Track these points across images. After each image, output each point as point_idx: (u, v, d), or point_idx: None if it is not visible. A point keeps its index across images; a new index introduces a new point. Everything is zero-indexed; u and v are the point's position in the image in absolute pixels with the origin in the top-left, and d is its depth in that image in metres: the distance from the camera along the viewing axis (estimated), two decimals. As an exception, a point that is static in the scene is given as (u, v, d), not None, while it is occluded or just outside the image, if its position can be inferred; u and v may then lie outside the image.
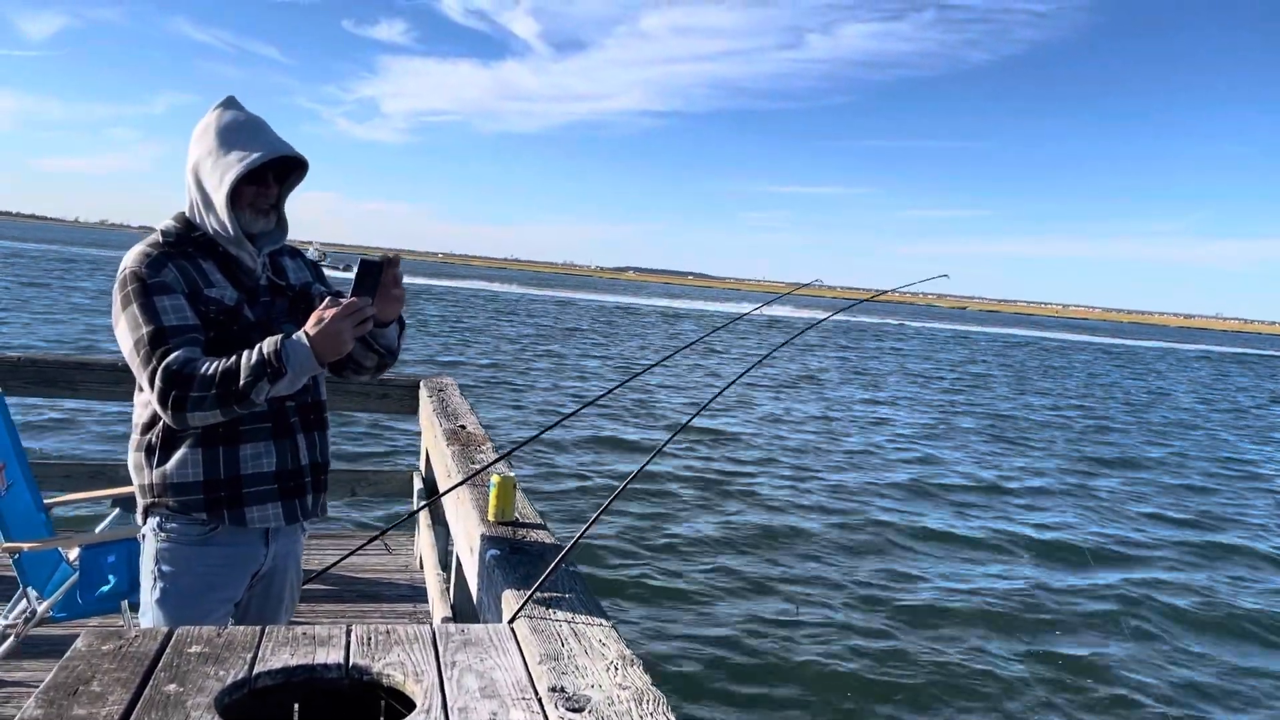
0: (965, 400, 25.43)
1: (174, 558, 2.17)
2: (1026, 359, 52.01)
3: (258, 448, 2.17)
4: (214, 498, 2.13)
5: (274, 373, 2.00)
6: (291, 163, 2.22)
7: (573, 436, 14.10)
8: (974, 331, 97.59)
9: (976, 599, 8.27)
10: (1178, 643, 7.82)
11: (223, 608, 2.21)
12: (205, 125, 2.14)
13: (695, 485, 11.75)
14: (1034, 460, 16.25)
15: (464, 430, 3.83)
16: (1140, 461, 17.26)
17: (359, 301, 2.04)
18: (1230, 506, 13.74)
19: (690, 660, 6.44)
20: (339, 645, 1.71)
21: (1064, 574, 9.36)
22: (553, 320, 48.07)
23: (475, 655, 1.72)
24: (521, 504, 2.65)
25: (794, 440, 15.93)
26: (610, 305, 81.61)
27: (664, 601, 7.53)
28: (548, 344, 32.18)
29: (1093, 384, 36.05)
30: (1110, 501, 13.22)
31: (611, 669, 1.69)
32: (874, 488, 12.56)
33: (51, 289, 34.64)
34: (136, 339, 2.02)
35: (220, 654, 1.63)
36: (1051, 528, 11.26)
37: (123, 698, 1.45)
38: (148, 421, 2.15)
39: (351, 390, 5.15)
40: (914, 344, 57.86)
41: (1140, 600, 8.74)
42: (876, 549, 9.66)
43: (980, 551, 9.98)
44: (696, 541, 9.26)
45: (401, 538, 5.46)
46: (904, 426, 18.97)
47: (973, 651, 7.05)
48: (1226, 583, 9.68)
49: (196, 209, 2.16)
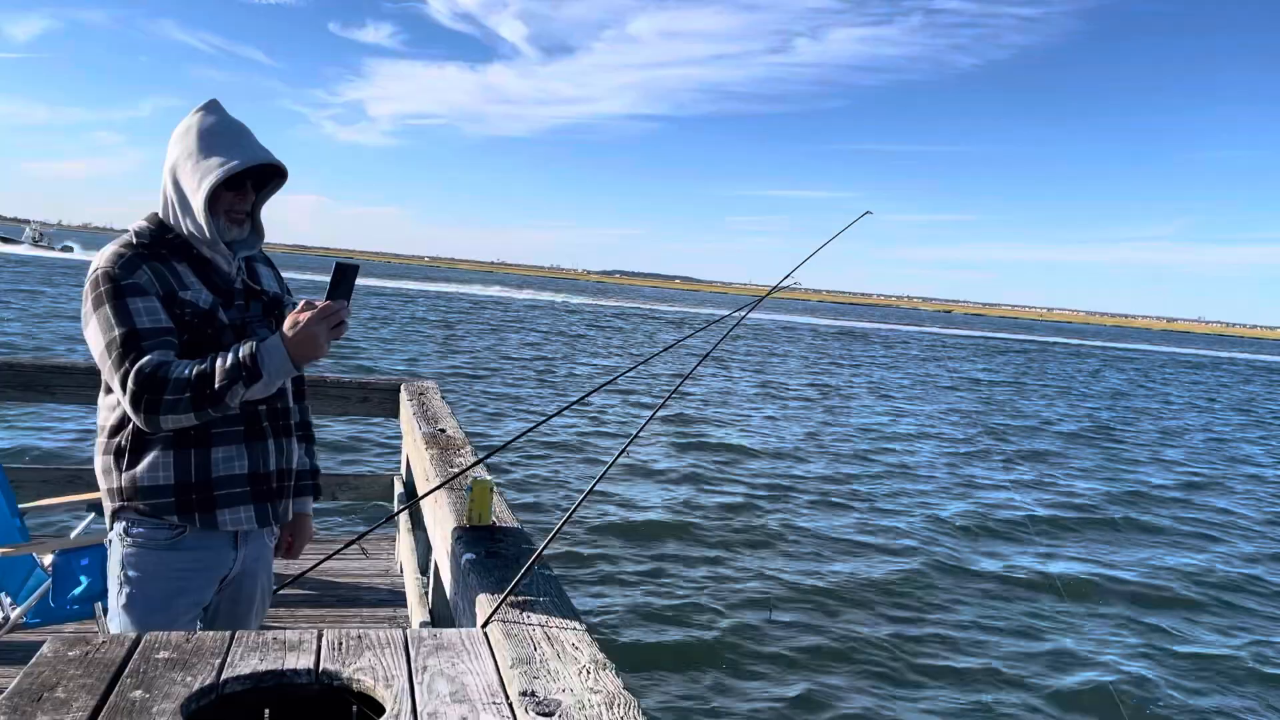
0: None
1: (141, 562, 2.14)
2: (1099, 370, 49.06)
3: (229, 450, 2.16)
4: (185, 500, 2.11)
5: (249, 376, 1.98)
6: (270, 170, 2.22)
7: (555, 440, 14.09)
8: (980, 337, 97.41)
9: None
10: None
11: (190, 612, 2.19)
12: (186, 127, 2.13)
13: (680, 483, 11.77)
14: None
15: (443, 434, 3.82)
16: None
17: (334, 304, 2.03)
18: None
19: (665, 660, 6.45)
20: (310, 650, 1.70)
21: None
22: (530, 324, 48.01)
23: (447, 660, 1.71)
24: (499, 507, 2.64)
25: (791, 444, 15.99)
26: (609, 309, 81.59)
27: (641, 604, 7.52)
28: (526, 348, 32.13)
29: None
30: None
31: (584, 673, 1.68)
32: (854, 481, 12.61)
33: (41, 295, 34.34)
34: (109, 341, 2.00)
35: (189, 660, 1.62)
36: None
37: (88, 704, 1.43)
38: (115, 424, 2.13)
39: (332, 394, 5.12)
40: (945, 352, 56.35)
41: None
42: (847, 544, 9.69)
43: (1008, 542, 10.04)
44: (677, 539, 9.28)
45: (383, 542, 5.44)
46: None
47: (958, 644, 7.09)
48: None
49: (172, 210, 2.14)
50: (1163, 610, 8.73)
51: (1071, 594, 8.82)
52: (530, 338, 37.16)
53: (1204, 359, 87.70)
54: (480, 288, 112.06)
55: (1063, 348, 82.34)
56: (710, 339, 2.96)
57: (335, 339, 2.05)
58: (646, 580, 8.15)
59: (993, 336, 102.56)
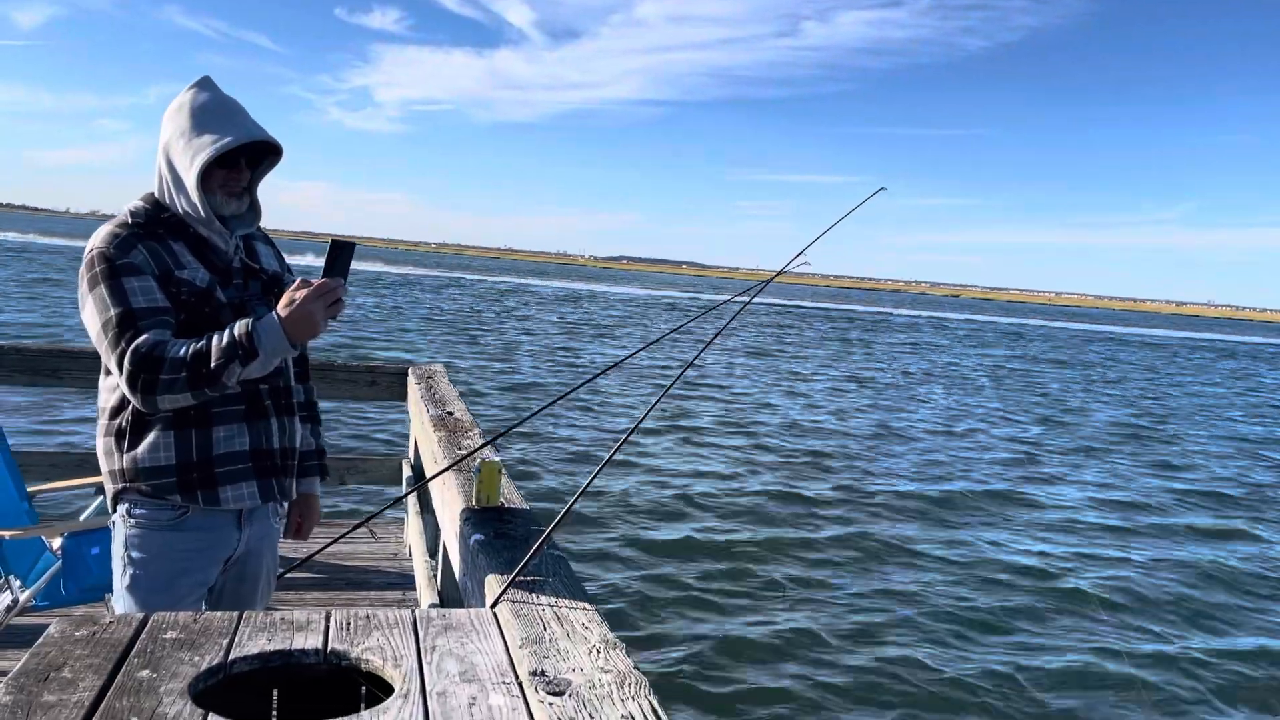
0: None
1: (144, 543, 2.14)
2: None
3: (231, 429, 2.15)
4: (187, 480, 2.10)
5: (245, 354, 1.96)
6: (264, 147, 2.19)
7: (563, 421, 14.10)
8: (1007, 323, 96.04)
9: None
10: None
11: (195, 593, 2.18)
12: (179, 104, 2.11)
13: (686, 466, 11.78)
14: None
15: (451, 416, 3.81)
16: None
17: (331, 282, 2.01)
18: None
19: (675, 639, 6.45)
20: (318, 630, 1.69)
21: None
22: (540, 307, 48.02)
23: (456, 640, 1.70)
24: (507, 489, 2.63)
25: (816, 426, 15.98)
26: (613, 295, 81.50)
27: (650, 583, 7.53)
28: (534, 332, 32.13)
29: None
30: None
31: (594, 652, 1.67)
32: (874, 471, 12.59)
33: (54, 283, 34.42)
34: (105, 321, 1.99)
35: (196, 640, 1.61)
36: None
37: (94, 684, 1.42)
38: (116, 406, 2.12)
39: (339, 378, 5.13)
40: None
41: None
42: (860, 526, 9.68)
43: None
44: (685, 520, 9.28)
45: (392, 525, 5.44)
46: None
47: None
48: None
49: (167, 189, 2.12)
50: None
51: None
52: (539, 324, 37.16)
53: (1242, 346, 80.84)
54: (490, 275, 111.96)
55: (1100, 336, 78.37)
56: (722, 321, 2.93)
57: (332, 317, 2.02)
58: (656, 559, 8.15)
59: (1027, 323, 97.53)
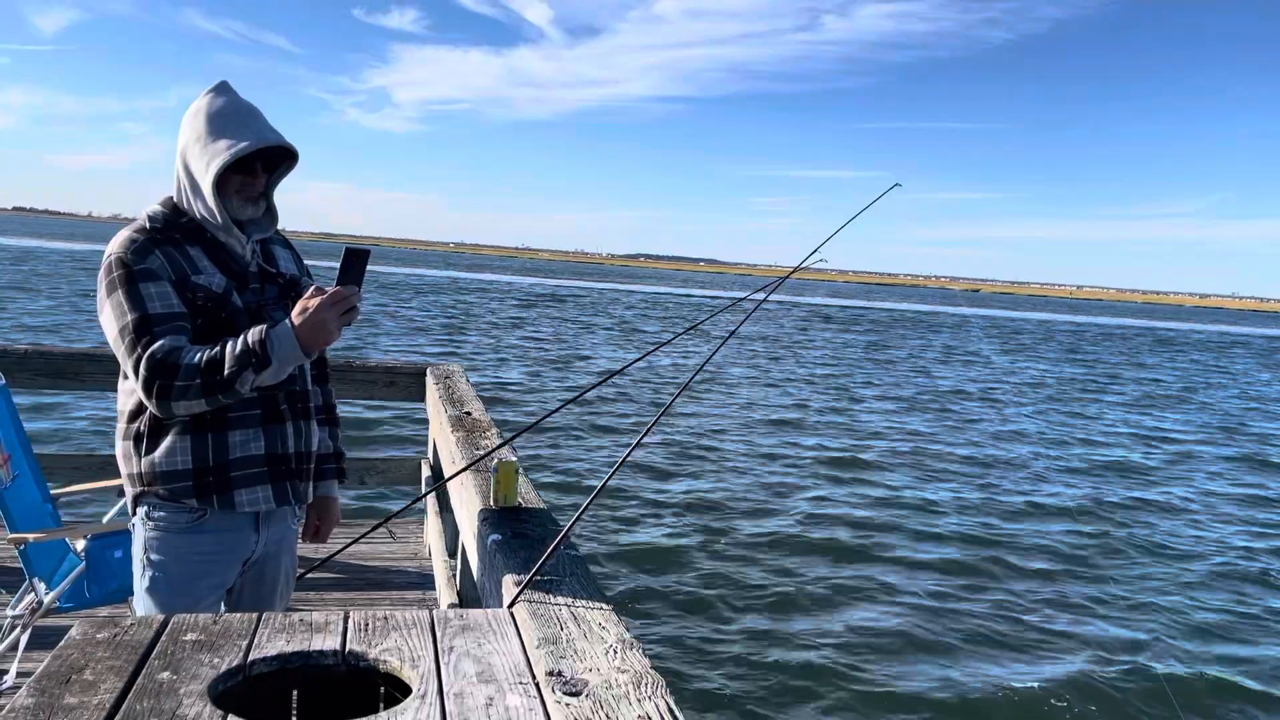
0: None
1: (163, 546, 2.16)
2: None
3: (246, 434, 2.16)
4: (202, 484, 2.12)
5: (259, 362, 1.97)
6: (280, 152, 2.20)
7: (581, 420, 14.11)
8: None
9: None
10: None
11: (214, 594, 2.20)
12: (196, 109, 2.12)
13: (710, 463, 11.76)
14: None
15: (469, 416, 3.82)
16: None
17: (344, 290, 2.02)
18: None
19: (693, 640, 6.44)
20: (335, 631, 1.70)
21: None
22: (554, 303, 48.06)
23: (473, 640, 1.70)
24: (524, 489, 2.63)
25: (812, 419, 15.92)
26: (639, 295, 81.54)
27: (668, 583, 7.52)
28: (552, 330, 32.17)
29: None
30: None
31: (610, 652, 1.67)
32: (887, 470, 12.54)
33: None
34: (121, 326, 2.00)
35: (215, 641, 1.62)
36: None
37: (115, 686, 1.43)
38: (134, 409, 2.13)
39: (358, 378, 5.15)
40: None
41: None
42: (878, 526, 9.64)
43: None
44: (701, 515, 9.27)
45: (411, 525, 5.46)
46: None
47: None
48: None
49: (184, 194, 2.14)
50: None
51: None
52: (557, 324, 37.21)
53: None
54: (506, 274, 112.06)
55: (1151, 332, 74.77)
56: (741, 317, 2.93)
57: (346, 324, 2.03)
58: (673, 560, 8.14)
59: (1096, 322, 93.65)
